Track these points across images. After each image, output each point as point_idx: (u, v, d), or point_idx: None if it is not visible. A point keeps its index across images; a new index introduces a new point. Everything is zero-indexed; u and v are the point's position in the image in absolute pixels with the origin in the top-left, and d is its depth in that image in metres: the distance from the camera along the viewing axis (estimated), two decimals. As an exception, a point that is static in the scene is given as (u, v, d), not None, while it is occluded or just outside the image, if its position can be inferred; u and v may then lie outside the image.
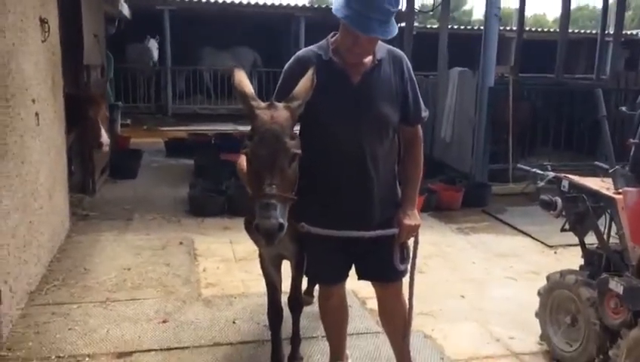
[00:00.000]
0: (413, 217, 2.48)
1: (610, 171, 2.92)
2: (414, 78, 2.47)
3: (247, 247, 4.70)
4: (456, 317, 3.75)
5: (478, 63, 7.26)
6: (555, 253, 5.16)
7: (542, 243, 5.39)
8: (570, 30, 17.54)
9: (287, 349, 3.06)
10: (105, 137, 5.21)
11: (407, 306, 2.66)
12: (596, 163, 3.63)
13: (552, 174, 3.29)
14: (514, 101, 7.40)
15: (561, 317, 3.19)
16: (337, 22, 2.27)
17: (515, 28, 14.50)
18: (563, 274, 3.15)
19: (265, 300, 3.72)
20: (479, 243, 5.37)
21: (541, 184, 3.31)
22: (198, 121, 12.99)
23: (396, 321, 2.68)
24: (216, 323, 3.56)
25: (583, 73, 16.26)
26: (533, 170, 3.45)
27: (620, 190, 2.83)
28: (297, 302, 2.93)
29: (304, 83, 2.20)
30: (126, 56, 13.17)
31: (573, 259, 4.88)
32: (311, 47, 2.42)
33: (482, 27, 14.72)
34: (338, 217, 2.35)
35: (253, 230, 2.59)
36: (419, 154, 2.56)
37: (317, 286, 3.10)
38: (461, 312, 3.84)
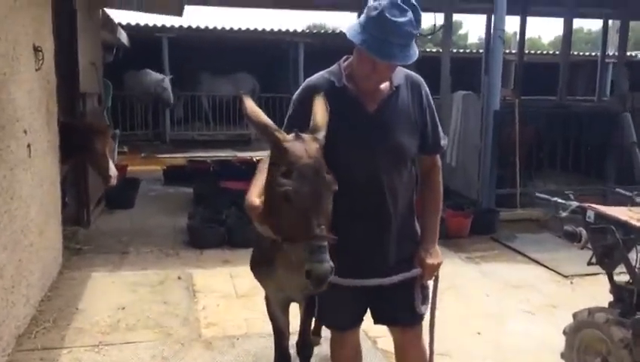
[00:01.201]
0: (435, 255, 2.29)
1: (644, 201, 2.73)
2: (433, 105, 2.29)
3: (248, 282, 4.46)
4: (475, 357, 3.52)
5: (478, 86, 7.15)
6: (572, 283, 4.93)
7: (556, 272, 5.16)
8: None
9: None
10: (113, 170, 5.04)
11: (428, 352, 2.44)
12: (618, 190, 3.45)
13: (575, 203, 3.10)
14: (519, 124, 7.25)
15: (589, 358, 2.95)
16: (337, 47, 2.10)
17: (513, 51, 14.49)
18: (592, 312, 2.93)
19: (270, 341, 3.49)
20: (491, 273, 5.14)
21: (564, 214, 3.11)
22: (196, 147, 12.84)
23: (416, 370, 2.45)
24: (217, 369, 3.32)
25: (583, 95, 16.21)
26: (554, 198, 3.25)
27: (655, 222, 2.63)
28: (307, 347, 2.71)
29: (322, 112, 2.02)
30: (124, 83, 13.07)
31: (590, 290, 4.69)
32: (322, 73, 2.24)
33: (481, 50, 14.79)
34: (355, 262, 2.10)
35: (260, 271, 2.40)
36: (438, 185, 2.37)
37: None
38: (479, 351, 3.61)
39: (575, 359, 3.01)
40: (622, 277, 3.04)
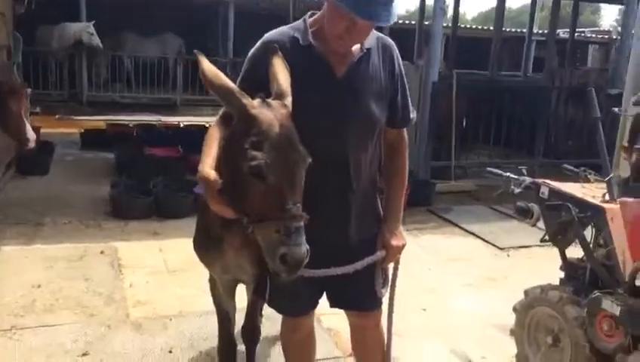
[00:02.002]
0: (400, 236, 2.11)
1: (606, 179, 2.66)
2: (404, 73, 2.07)
3: (180, 256, 4.19)
4: (422, 335, 3.42)
5: (410, 58, 7.03)
6: (508, 255, 4.98)
7: (493, 245, 5.20)
8: (487, 28, 18.00)
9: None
10: (31, 132, 4.48)
11: (386, 336, 2.28)
12: (565, 166, 3.39)
13: (528, 179, 3.00)
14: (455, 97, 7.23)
15: (540, 336, 2.90)
16: (269, 10, 1.82)
17: (444, 25, 14.56)
18: (544, 289, 2.86)
19: (206, 321, 3.24)
20: (430, 247, 5.10)
21: (518, 191, 3.01)
22: (116, 110, 12.03)
23: (375, 354, 2.29)
24: (149, 354, 3.02)
25: (507, 70, 16.64)
26: (507, 174, 3.14)
27: (617, 200, 2.57)
28: (254, 332, 2.48)
29: (284, 73, 1.76)
30: (37, 38, 11.99)
31: (527, 262, 4.76)
32: (284, 28, 1.96)
33: (413, 22, 14.74)
34: (316, 247, 1.74)
35: (206, 253, 2.12)
36: (404, 161, 2.18)
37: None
38: (426, 329, 3.52)
39: (525, 336, 2.96)
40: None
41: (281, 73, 1.75)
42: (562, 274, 3.00)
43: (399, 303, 3.78)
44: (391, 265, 2.22)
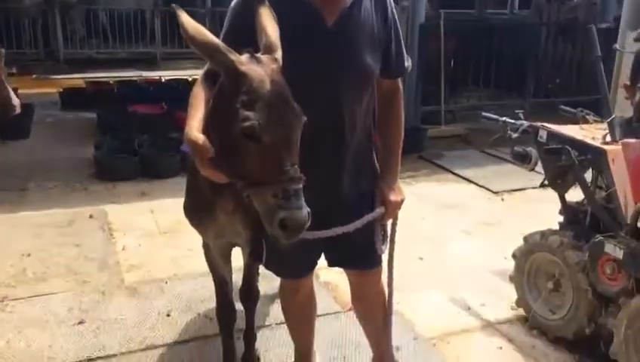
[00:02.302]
0: (398, 191, 2.06)
1: (608, 120, 2.58)
2: (397, 20, 1.94)
3: (171, 216, 4.10)
4: (420, 285, 3.40)
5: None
6: (503, 199, 4.95)
7: (487, 189, 5.17)
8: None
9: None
10: (15, 97, 4.26)
11: (387, 291, 2.24)
12: (562, 107, 3.30)
13: (526, 123, 2.92)
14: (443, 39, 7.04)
15: (541, 281, 2.90)
16: None
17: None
18: (545, 235, 2.83)
19: (202, 282, 3.20)
20: (424, 194, 5.05)
21: (515, 135, 2.93)
22: (94, 67, 11.66)
23: (376, 309, 2.26)
24: (146, 319, 2.97)
25: (492, 8, 16.29)
26: (503, 118, 3.06)
27: (619, 141, 2.50)
28: (252, 293, 2.43)
29: (273, 25, 1.62)
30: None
31: (522, 207, 4.73)
32: None
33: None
34: (312, 209, 1.61)
35: (198, 218, 2.04)
36: (400, 113, 2.08)
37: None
38: (423, 278, 3.50)
39: (525, 282, 2.94)
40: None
41: (269, 25, 1.62)
42: (561, 218, 2.98)
43: (396, 253, 3.77)
44: (389, 221, 2.17)
